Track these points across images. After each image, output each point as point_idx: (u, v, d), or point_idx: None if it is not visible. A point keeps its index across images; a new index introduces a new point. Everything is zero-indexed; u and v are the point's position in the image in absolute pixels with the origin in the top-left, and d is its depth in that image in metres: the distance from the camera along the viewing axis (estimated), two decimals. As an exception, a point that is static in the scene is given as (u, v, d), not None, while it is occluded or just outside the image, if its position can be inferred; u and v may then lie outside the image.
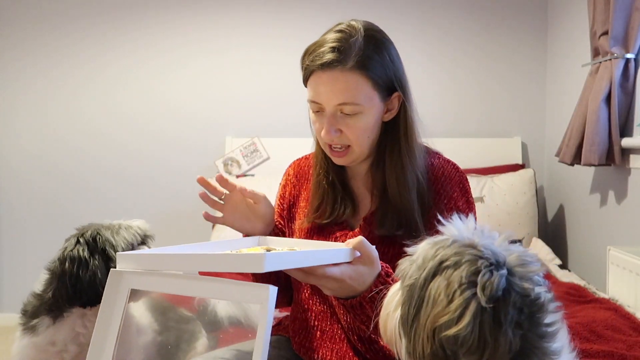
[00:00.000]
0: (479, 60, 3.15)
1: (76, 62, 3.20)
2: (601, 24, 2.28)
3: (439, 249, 0.72)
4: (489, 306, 0.65)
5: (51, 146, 3.20)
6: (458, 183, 1.21)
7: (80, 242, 1.35)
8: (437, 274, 0.70)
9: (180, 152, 3.18)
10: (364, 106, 1.11)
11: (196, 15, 3.17)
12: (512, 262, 0.70)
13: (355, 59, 1.09)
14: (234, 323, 1.49)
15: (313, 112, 1.17)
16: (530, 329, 0.66)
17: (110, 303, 0.97)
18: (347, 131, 1.13)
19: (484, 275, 0.66)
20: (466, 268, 0.68)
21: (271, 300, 0.81)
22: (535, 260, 0.72)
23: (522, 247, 0.74)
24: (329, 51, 1.09)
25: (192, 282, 0.93)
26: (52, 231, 3.18)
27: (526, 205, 2.80)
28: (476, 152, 3.06)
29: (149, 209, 3.15)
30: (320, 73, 1.10)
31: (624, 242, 2.27)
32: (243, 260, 0.88)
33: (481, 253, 0.69)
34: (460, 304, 0.65)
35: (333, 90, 1.10)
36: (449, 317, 0.65)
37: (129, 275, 0.98)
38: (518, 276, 0.68)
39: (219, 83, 3.18)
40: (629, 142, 2.20)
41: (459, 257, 0.69)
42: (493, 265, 0.68)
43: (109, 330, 0.97)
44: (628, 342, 1.56)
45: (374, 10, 3.07)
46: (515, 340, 0.65)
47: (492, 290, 0.65)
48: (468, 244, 0.71)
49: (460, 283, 0.66)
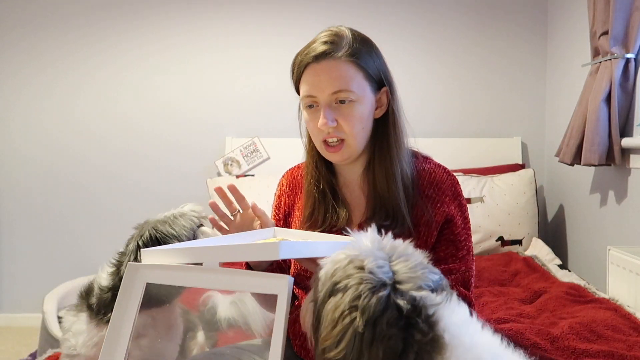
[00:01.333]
0: (479, 61, 3.15)
1: (70, 63, 3.17)
2: (601, 24, 2.28)
3: (337, 269, 0.82)
4: (365, 329, 0.75)
5: (46, 149, 3.19)
6: (450, 187, 1.22)
7: (140, 246, 1.32)
8: (331, 294, 0.81)
9: (181, 153, 3.18)
10: (357, 94, 1.15)
11: (194, 14, 3.16)
12: (399, 277, 0.80)
13: (345, 50, 1.14)
14: (233, 326, 1.50)
15: (307, 110, 1.19)
16: (408, 331, 0.76)
17: (126, 296, 0.98)
18: (343, 121, 1.15)
19: (364, 298, 0.77)
20: (350, 293, 0.78)
21: (289, 289, 0.85)
22: (423, 269, 0.82)
23: (420, 255, 0.85)
24: (321, 44, 1.15)
25: (208, 274, 0.95)
26: (50, 233, 3.19)
27: (526, 205, 2.80)
28: (476, 152, 3.07)
29: (149, 210, 3.15)
30: (315, 65, 1.15)
31: (624, 242, 2.27)
32: (259, 249, 0.91)
33: (366, 276, 0.79)
34: (340, 330, 0.77)
35: (328, 79, 1.14)
36: (330, 342, 0.77)
37: (145, 269, 0.99)
38: (401, 291, 0.78)
39: (218, 83, 3.18)
40: (629, 142, 2.20)
41: (348, 280, 0.80)
42: (375, 288, 0.78)
43: (125, 323, 0.97)
44: (628, 342, 1.56)
45: (374, 11, 3.07)
46: (394, 347, 0.75)
47: (370, 314, 0.76)
48: (359, 266, 0.81)
49: (343, 310, 0.78)
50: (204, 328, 1.53)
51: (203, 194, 2.98)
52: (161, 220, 1.36)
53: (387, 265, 0.81)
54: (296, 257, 0.95)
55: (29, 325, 3.03)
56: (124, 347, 0.96)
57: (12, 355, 2.71)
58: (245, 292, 1.46)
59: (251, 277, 0.91)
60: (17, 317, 3.17)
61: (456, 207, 1.21)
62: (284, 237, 1.17)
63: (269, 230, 1.22)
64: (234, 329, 1.50)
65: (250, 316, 1.48)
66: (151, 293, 1.09)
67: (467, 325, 0.80)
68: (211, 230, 1.37)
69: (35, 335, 2.53)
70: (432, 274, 0.83)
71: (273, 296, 0.87)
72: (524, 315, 1.84)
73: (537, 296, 2.06)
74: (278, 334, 0.84)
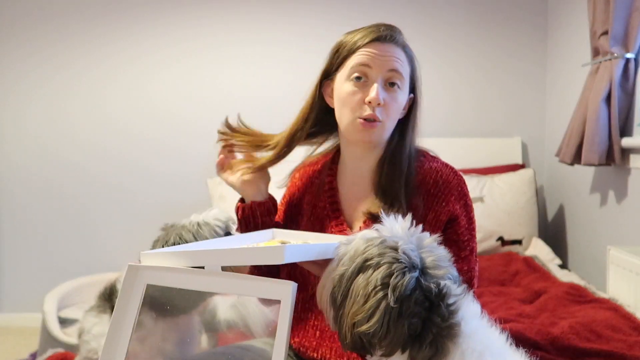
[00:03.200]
0: (478, 61, 3.15)
1: (61, 63, 3.12)
2: (601, 24, 2.28)
3: (369, 246, 0.86)
4: (395, 305, 0.80)
5: (43, 149, 3.15)
6: (456, 186, 1.22)
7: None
8: (361, 270, 0.84)
9: (181, 153, 3.17)
10: (405, 82, 1.18)
11: (190, 12, 3.13)
12: (427, 264, 0.85)
13: (404, 42, 1.20)
14: (232, 327, 1.50)
15: (352, 81, 1.17)
16: (430, 313, 0.82)
17: (126, 298, 0.97)
18: (388, 104, 1.16)
19: (396, 277, 0.81)
20: (383, 270, 0.82)
21: (292, 295, 0.85)
22: (447, 262, 0.88)
23: (444, 251, 0.90)
24: (385, 29, 1.18)
25: (210, 278, 0.94)
26: (50, 233, 3.19)
27: (526, 205, 2.80)
28: (476, 152, 3.07)
29: (149, 210, 3.15)
30: (377, 43, 1.16)
31: (624, 242, 2.27)
32: (264, 253, 0.91)
33: (399, 256, 0.83)
34: (373, 304, 0.81)
35: (390, 57, 1.16)
36: (363, 316, 0.81)
37: (146, 271, 0.98)
38: (429, 276, 0.84)
39: (218, 83, 3.17)
40: (629, 142, 2.20)
41: (380, 258, 0.84)
42: (407, 268, 0.83)
43: (124, 325, 0.97)
44: (628, 342, 1.56)
45: (375, 11, 3.07)
46: (415, 325, 0.81)
47: (401, 291, 0.81)
48: (392, 246, 0.85)
49: (375, 285, 0.82)
50: (204, 328, 1.53)
51: (204, 194, 2.98)
52: (187, 229, 1.34)
53: (417, 251, 0.86)
54: (301, 260, 0.94)
55: (29, 325, 3.03)
56: (124, 349, 0.96)
57: (12, 355, 2.71)
58: (247, 296, 1.46)
59: (254, 281, 0.90)
60: (17, 317, 3.17)
61: (461, 207, 1.21)
62: (284, 239, 1.17)
63: (267, 232, 1.22)
64: (233, 330, 1.50)
65: (251, 318, 1.48)
66: (171, 301, 1.09)
67: (480, 320, 0.86)
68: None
69: (35, 335, 2.53)
70: (453, 269, 0.89)
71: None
72: (524, 315, 1.84)
73: (537, 296, 2.06)
74: (281, 339, 0.84)
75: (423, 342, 0.81)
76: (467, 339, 0.82)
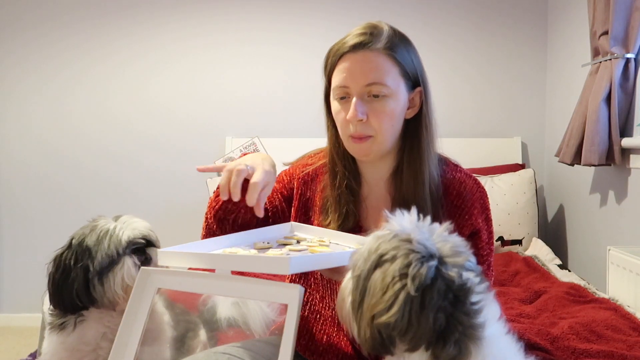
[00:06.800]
0: (479, 61, 3.15)
1: (63, 61, 3.14)
2: (601, 24, 2.28)
3: (381, 243, 0.83)
4: (416, 294, 0.76)
5: (43, 149, 3.16)
6: (479, 199, 1.19)
7: (71, 246, 1.28)
8: (377, 266, 0.81)
9: (181, 154, 3.17)
10: (391, 89, 1.11)
11: (192, 11, 3.14)
12: (444, 252, 0.81)
13: (384, 42, 1.11)
14: (232, 326, 1.50)
15: (338, 101, 1.15)
16: (455, 309, 0.77)
17: (137, 301, 0.99)
18: (373, 117, 1.11)
19: (414, 267, 0.77)
20: (400, 261, 0.79)
21: (299, 299, 0.85)
22: (466, 250, 0.84)
23: (457, 238, 0.85)
24: (360, 35, 1.11)
25: (220, 282, 0.95)
26: (50, 233, 3.18)
27: (526, 205, 2.80)
28: (476, 152, 3.07)
29: (149, 210, 3.15)
30: (351, 54, 1.11)
31: (624, 242, 2.27)
32: (270, 262, 0.91)
33: (414, 247, 0.80)
34: (392, 295, 0.77)
35: (363, 69, 1.10)
36: (382, 307, 0.77)
37: (157, 275, 0.99)
38: (449, 265, 0.79)
39: (219, 83, 3.17)
40: (629, 142, 2.20)
41: (396, 252, 0.80)
42: (424, 258, 0.79)
43: (134, 327, 0.98)
44: (628, 342, 1.56)
45: (375, 11, 3.07)
46: (440, 320, 0.76)
47: (421, 280, 0.76)
48: (405, 239, 0.82)
49: (393, 276, 0.78)
50: (204, 327, 1.53)
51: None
52: (94, 233, 1.28)
53: (431, 240, 0.83)
54: (307, 270, 0.95)
55: (29, 325, 3.03)
56: (133, 352, 0.97)
57: (12, 355, 2.71)
58: (256, 300, 1.46)
59: (262, 285, 0.91)
60: (17, 317, 3.17)
61: (483, 221, 1.18)
62: (300, 235, 1.15)
63: (286, 225, 1.19)
64: (233, 329, 1.50)
65: (251, 316, 1.48)
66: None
67: (499, 324, 0.83)
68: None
69: (35, 335, 2.53)
70: (471, 255, 0.85)
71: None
72: (524, 315, 1.84)
73: (537, 296, 2.06)
74: (287, 342, 0.84)
75: (448, 340, 0.77)
76: (489, 344, 0.78)
